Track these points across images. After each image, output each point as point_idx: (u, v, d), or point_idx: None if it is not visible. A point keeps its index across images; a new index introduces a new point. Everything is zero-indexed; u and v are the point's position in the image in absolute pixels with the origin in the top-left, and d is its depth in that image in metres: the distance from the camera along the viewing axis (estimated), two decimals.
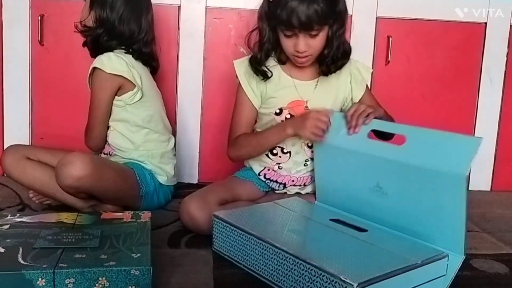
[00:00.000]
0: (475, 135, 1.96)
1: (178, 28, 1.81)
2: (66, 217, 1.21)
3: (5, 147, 1.67)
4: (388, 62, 1.89)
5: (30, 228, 1.13)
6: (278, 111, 1.45)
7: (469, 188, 1.99)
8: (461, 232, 1.09)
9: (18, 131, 1.81)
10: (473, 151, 1.08)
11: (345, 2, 1.36)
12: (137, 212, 1.27)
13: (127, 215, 1.24)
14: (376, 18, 1.87)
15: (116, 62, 1.44)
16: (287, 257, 1.02)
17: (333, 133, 1.34)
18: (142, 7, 1.53)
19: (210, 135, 1.88)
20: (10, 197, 1.61)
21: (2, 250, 1.03)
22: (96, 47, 1.50)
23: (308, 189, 1.52)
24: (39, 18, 1.75)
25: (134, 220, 1.22)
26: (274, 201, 1.37)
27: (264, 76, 1.42)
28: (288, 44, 1.34)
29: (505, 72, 1.93)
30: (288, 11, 1.26)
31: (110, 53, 1.45)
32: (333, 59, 1.39)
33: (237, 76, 1.47)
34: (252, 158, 1.50)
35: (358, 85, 1.49)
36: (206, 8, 1.80)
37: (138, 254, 1.02)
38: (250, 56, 1.44)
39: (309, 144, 1.47)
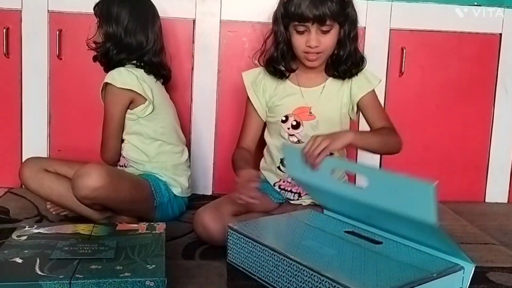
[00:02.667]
0: (491, 146, 1.95)
1: (193, 42, 1.84)
2: (83, 229, 1.23)
3: (23, 159, 1.71)
4: (402, 73, 1.88)
5: (47, 239, 1.15)
6: (284, 118, 1.49)
7: (486, 200, 1.99)
8: (457, 249, 1.08)
9: (36, 144, 1.84)
10: (432, 198, 1.00)
11: (355, 9, 1.42)
12: (152, 223, 1.29)
13: (142, 227, 1.26)
14: (390, 29, 1.87)
15: (126, 77, 1.47)
16: (302, 269, 1.02)
17: (299, 168, 1.27)
18: (147, 18, 1.55)
19: (224, 147, 1.88)
20: (27, 208, 1.63)
21: (20, 260, 1.04)
22: (108, 62, 1.53)
23: None
24: (57, 32, 1.79)
25: (149, 231, 1.23)
26: (288, 213, 1.37)
27: (282, 75, 1.47)
28: (300, 41, 1.39)
29: None
30: (302, 5, 1.33)
31: (121, 68, 1.49)
32: (351, 62, 1.44)
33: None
34: None
35: (359, 85, 1.48)
36: (220, 21, 1.83)
37: (153, 265, 1.03)
38: (266, 59, 1.48)
39: None
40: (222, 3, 1.82)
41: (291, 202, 1.53)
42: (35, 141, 1.84)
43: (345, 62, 1.44)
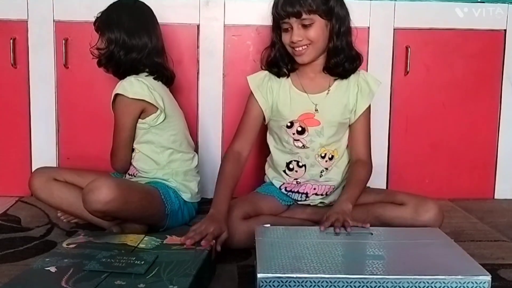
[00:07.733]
0: (499, 142, 1.94)
1: (198, 47, 1.85)
2: (131, 240, 1.22)
3: (33, 168, 1.72)
4: (408, 72, 1.88)
5: (92, 249, 1.15)
6: (289, 124, 1.48)
7: (495, 197, 1.97)
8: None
9: (45, 152, 1.85)
10: None
11: (342, 4, 1.43)
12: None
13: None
14: (394, 29, 1.87)
15: (137, 87, 1.47)
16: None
17: None
18: (147, 20, 1.57)
19: None
20: (38, 216, 1.65)
21: (54, 270, 1.04)
22: (118, 66, 1.53)
23: (331, 198, 1.52)
24: (63, 41, 1.81)
25: (194, 247, 1.18)
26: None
27: (285, 75, 1.48)
28: (286, 38, 1.41)
29: None
30: (280, 3, 1.37)
31: (131, 78, 1.49)
32: (343, 56, 1.43)
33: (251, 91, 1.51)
34: None
35: (365, 97, 1.50)
36: (224, 26, 1.83)
37: (175, 286, 0.98)
38: (267, 61, 1.50)
39: (322, 155, 1.49)
40: (225, 8, 1.83)
41: (299, 203, 1.53)
42: (44, 150, 1.86)
43: (336, 56, 1.43)
